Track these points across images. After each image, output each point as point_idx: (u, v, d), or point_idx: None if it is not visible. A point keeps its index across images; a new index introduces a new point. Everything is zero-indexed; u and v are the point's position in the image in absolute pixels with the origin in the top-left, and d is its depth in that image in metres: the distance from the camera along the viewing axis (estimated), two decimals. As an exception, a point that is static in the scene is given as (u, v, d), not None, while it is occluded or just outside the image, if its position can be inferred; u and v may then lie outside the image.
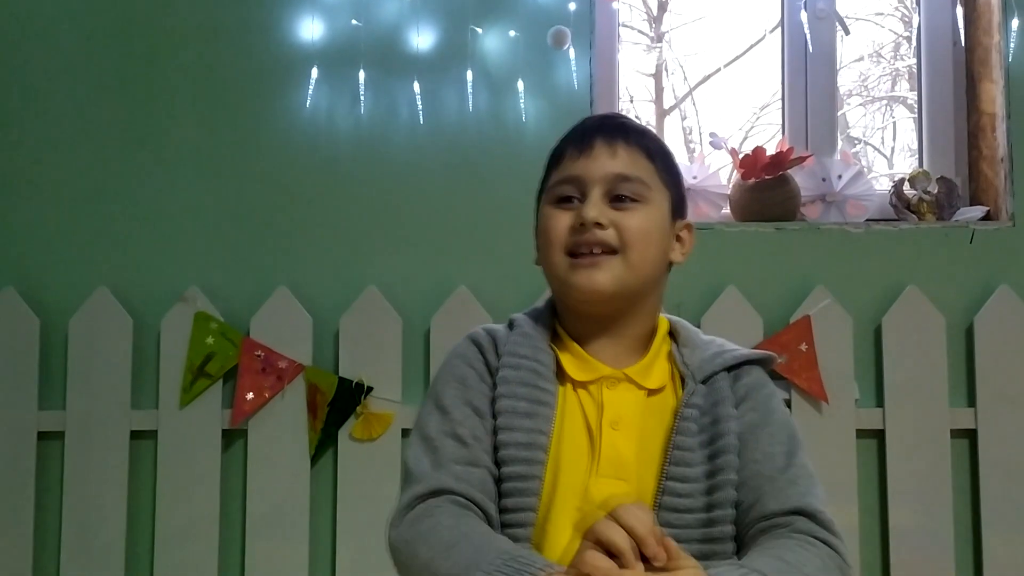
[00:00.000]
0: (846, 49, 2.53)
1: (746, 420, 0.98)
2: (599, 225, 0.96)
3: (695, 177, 2.06)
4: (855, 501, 1.85)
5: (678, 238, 1.05)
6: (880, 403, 1.89)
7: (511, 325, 1.05)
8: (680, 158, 2.22)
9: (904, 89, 3.30)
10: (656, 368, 1.01)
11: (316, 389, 1.86)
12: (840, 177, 2.03)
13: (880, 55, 3.41)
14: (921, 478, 1.86)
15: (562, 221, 0.99)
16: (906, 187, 2.03)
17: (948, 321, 1.89)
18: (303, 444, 1.86)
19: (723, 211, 2.06)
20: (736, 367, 1.01)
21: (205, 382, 1.86)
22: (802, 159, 2.00)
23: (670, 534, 0.90)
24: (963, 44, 2.08)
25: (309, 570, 1.84)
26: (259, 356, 1.86)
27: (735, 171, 2.04)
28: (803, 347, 1.85)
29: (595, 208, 0.97)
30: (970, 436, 1.88)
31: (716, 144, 2.08)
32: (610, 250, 0.97)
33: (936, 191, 2.01)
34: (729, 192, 2.05)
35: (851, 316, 1.89)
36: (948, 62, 2.11)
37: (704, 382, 0.99)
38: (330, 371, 1.88)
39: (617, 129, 1.01)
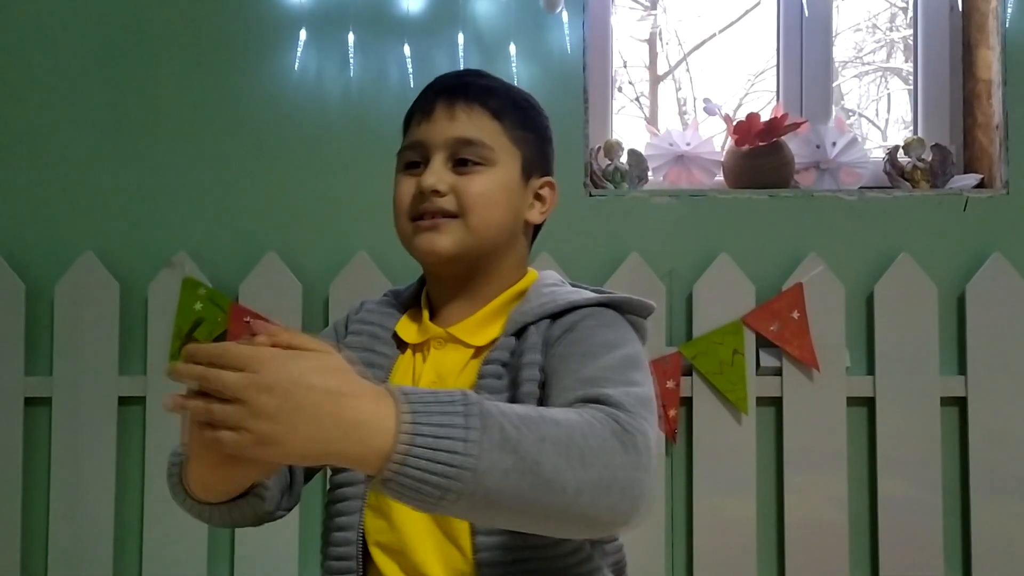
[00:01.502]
0: (841, 19, 2.50)
1: (556, 353, 0.90)
2: (437, 192, 0.95)
3: (688, 144, 2.04)
4: (845, 469, 1.85)
5: (538, 196, 1.02)
6: (871, 371, 1.89)
7: (384, 296, 1.08)
8: (674, 124, 2.21)
9: (899, 61, 3.28)
10: (492, 326, 0.97)
11: (305, 355, 1.85)
12: (834, 144, 2.01)
13: (876, 26, 3.39)
14: (911, 446, 1.86)
15: (407, 188, 0.98)
16: (900, 155, 2.02)
17: (940, 289, 1.89)
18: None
19: (716, 178, 2.05)
20: (561, 315, 0.93)
21: (193, 348, 1.85)
22: (796, 126, 1.98)
23: None
24: (960, 9, 2.06)
25: (299, 536, 1.85)
26: (248, 322, 1.84)
27: (729, 138, 2.02)
28: (795, 315, 1.85)
29: (433, 175, 0.95)
30: (960, 404, 1.89)
31: (710, 110, 2.06)
32: (451, 215, 0.96)
33: (930, 158, 2.00)
34: (723, 159, 2.03)
35: (843, 284, 1.88)
36: (945, 27, 2.09)
37: (516, 335, 0.94)
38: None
39: (458, 90, 0.98)
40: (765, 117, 1.97)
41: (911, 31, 2.17)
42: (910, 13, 2.18)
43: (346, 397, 0.66)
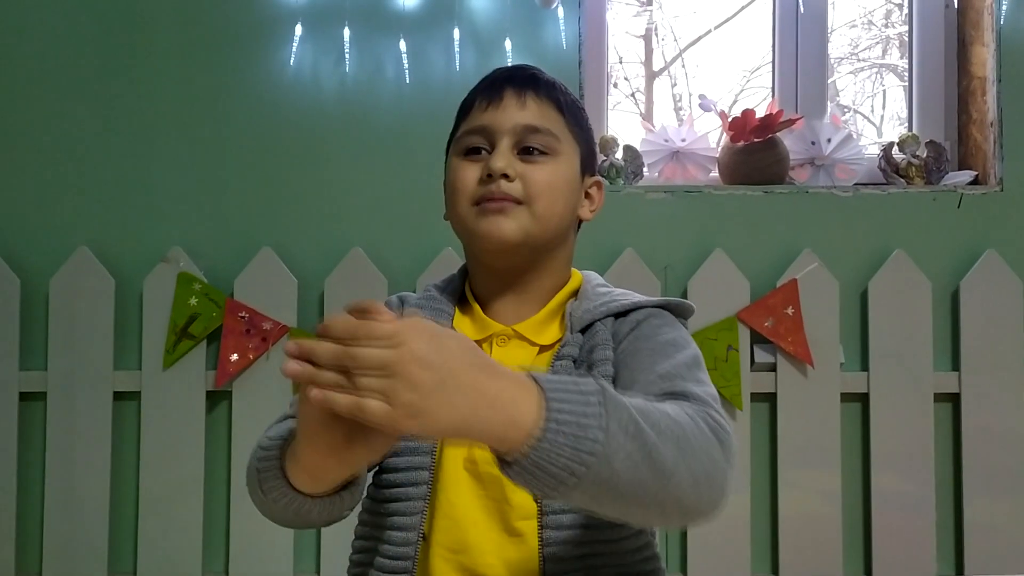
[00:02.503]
0: (837, 15, 2.51)
1: (624, 349, 0.92)
2: (506, 176, 0.94)
3: (684, 140, 2.04)
4: (838, 464, 1.86)
5: (587, 195, 1.03)
6: (865, 367, 1.89)
7: (425, 292, 1.05)
8: (669, 121, 2.21)
9: (895, 57, 3.28)
10: (553, 325, 0.98)
11: (301, 351, 1.85)
12: (829, 141, 2.02)
13: (871, 22, 3.39)
14: (904, 441, 1.87)
15: (470, 172, 0.96)
16: (895, 151, 2.02)
17: (934, 285, 1.89)
18: (288, 405, 1.85)
19: (711, 174, 2.05)
20: (625, 313, 0.96)
21: (189, 343, 1.85)
22: (791, 122, 1.98)
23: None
24: (955, 6, 2.06)
25: (294, 532, 1.85)
26: (243, 317, 1.85)
27: (724, 134, 2.02)
28: (789, 311, 1.85)
29: (503, 158, 0.94)
30: (954, 400, 1.90)
31: (705, 106, 2.06)
32: (516, 201, 0.95)
33: (925, 155, 2.01)
34: (718, 155, 2.03)
35: (838, 280, 1.88)
36: (940, 24, 2.09)
37: (583, 331, 0.95)
38: (315, 333, 1.87)
39: (528, 80, 0.99)
40: (760, 113, 1.97)
41: (906, 27, 2.18)
42: (905, 9, 2.18)
43: (495, 377, 0.67)
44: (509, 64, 1.90)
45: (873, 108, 3.66)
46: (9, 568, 1.84)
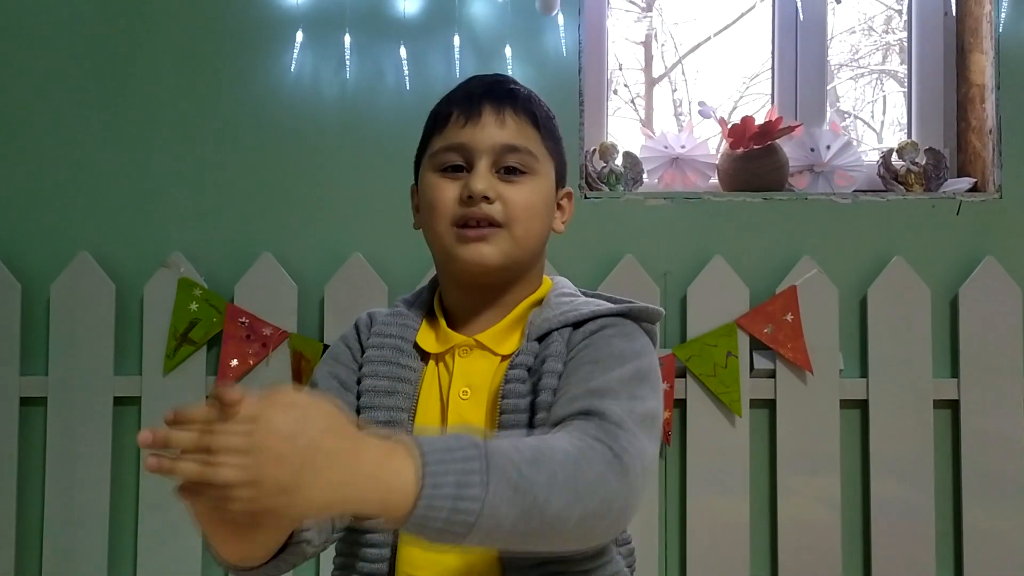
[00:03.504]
0: (837, 21, 2.51)
1: (573, 360, 0.91)
2: (486, 199, 0.93)
3: (683, 146, 2.05)
4: (838, 471, 1.86)
5: (559, 207, 1.03)
6: (864, 373, 1.89)
7: (395, 307, 1.05)
8: (669, 127, 2.22)
9: (895, 64, 3.28)
10: (515, 334, 0.98)
11: (301, 356, 1.85)
12: (829, 148, 2.02)
13: (871, 28, 3.39)
14: (904, 448, 1.87)
15: (448, 191, 0.95)
16: (894, 158, 2.02)
17: (933, 292, 1.89)
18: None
19: (711, 180, 2.05)
20: (582, 323, 0.95)
21: (189, 348, 1.85)
22: (791, 129, 1.99)
23: None
24: (954, 14, 2.06)
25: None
26: (243, 323, 1.85)
27: (723, 140, 2.03)
28: (789, 317, 1.86)
29: (483, 180, 0.93)
30: (953, 407, 1.90)
31: (705, 113, 2.07)
32: (496, 224, 0.94)
33: (924, 162, 2.01)
34: (717, 161, 2.04)
35: (837, 286, 1.89)
36: (939, 32, 2.10)
37: (540, 340, 0.95)
38: (315, 338, 1.87)
39: (506, 96, 0.97)
40: (760, 120, 1.97)
41: (906, 34, 2.18)
42: (904, 17, 2.19)
43: (368, 447, 0.67)
44: (508, 71, 1.91)
45: (873, 114, 3.66)
46: (9, 573, 1.84)
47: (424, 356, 0.99)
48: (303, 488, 0.64)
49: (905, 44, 2.20)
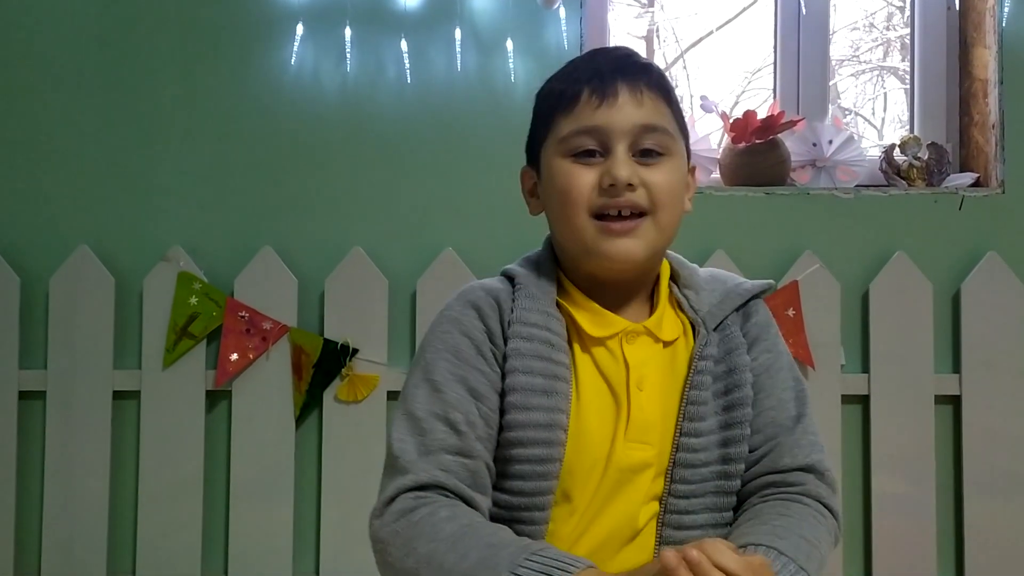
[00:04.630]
0: (838, 17, 2.51)
1: (759, 363, 0.94)
2: (630, 186, 0.87)
3: (685, 141, 2.04)
4: (839, 466, 1.86)
5: (686, 185, 0.98)
6: (865, 369, 1.89)
7: (512, 282, 0.95)
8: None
9: (896, 60, 3.28)
10: (667, 318, 0.95)
11: (301, 351, 1.85)
12: (831, 142, 2.01)
13: (873, 24, 3.38)
14: (905, 444, 1.86)
15: (586, 179, 0.89)
16: (896, 153, 2.02)
17: (935, 287, 1.89)
18: (288, 406, 1.85)
19: (713, 175, 2.04)
20: (743, 305, 0.97)
21: (189, 342, 1.85)
22: (793, 123, 1.98)
23: (684, 491, 0.90)
24: (957, 8, 2.06)
25: (294, 533, 1.84)
26: (243, 317, 1.85)
27: (725, 135, 2.02)
28: (790, 312, 1.85)
29: (626, 167, 0.87)
30: (954, 402, 1.89)
31: (707, 107, 2.06)
32: (640, 212, 0.89)
33: (926, 157, 2.00)
34: (719, 156, 2.03)
35: (839, 281, 1.88)
36: (942, 27, 2.09)
37: (716, 329, 0.94)
38: (315, 332, 1.87)
39: (640, 71, 0.90)
40: (762, 115, 1.97)
41: (908, 30, 2.17)
42: (907, 12, 2.18)
43: None
44: (510, 65, 1.90)
45: (874, 111, 3.66)
46: (8, 567, 1.83)
47: (569, 345, 0.93)
48: None
49: (906, 40, 2.19)
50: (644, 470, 0.91)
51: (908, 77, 2.17)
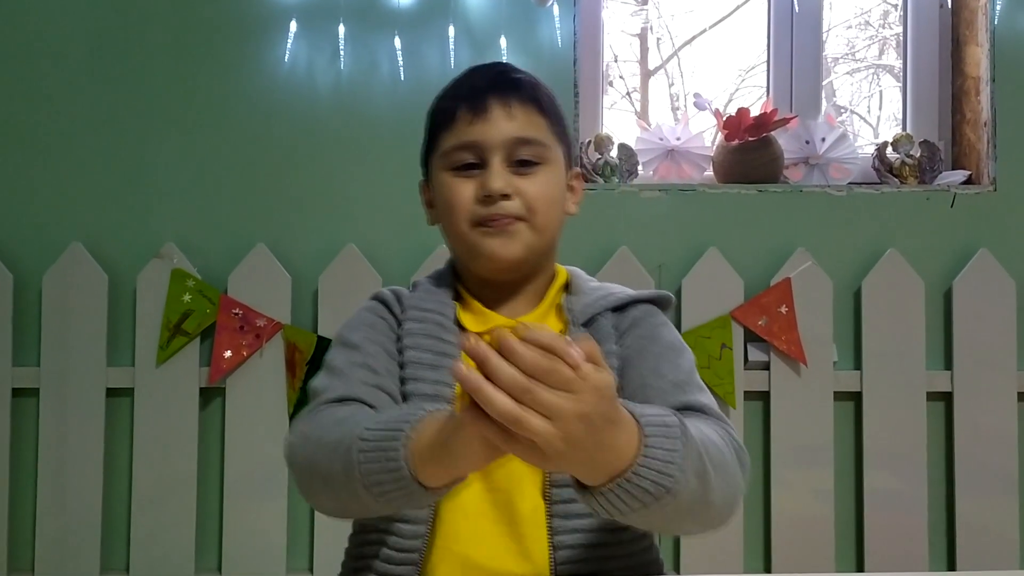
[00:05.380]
0: (833, 16, 2.51)
1: (630, 346, 0.96)
2: (505, 196, 0.94)
3: (678, 138, 2.04)
4: (831, 463, 1.86)
5: (570, 188, 1.03)
6: (858, 366, 1.90)
7: (413, 287, 1.04)
8: (665, 119, 2.21)
9: (891, 58, 3.28)
10: (550, 319, 1.00)
11: (295, 348, 1.85)
12: (824, 140, 2.02)
13: (867, 23, 3.39)
14: (897, 440, 1.87)
15: (465, 191, 0.95)
16: (889, 151, 2.02)
17: (927, 284, 1.90)
18: (281, 403, 1.85)
19: (706, 173, 2.05)
20: (622, 307, 1.00)
21: (182, 340, 1.85)
22: (786, 121, 1.99)
23: (561, 480, 0.91)
24: (949, 6, 2.06)
25: (287, 530, 1.85)
26: (237, 314, 1.85)
27: (719, 132, 2.03)
28: (783, 309, 1.86)
29: (499, 178, 0.94)
30: (946, 399, 1.90)
31: (700, 105, 2.06)
32: (517, 218, 0.95)
33: (918, 155, 2.01)
34: (712, 154, 2.03)
35: (831, 279, 1.89)
36: (934, 25, 2.09)
37: (587, 324, 0.97)
38: (309, 330, 1.87)
39: (511, 86, 0.97)
40: (755, 112, 1.97)
41: (901, 27, 2.18)
42: (900, 10, 2.18)
43: (621, 430, 0.68)
44: (504, 60, 1.90)
45: (870, 109, 3.66)
46: (1, 565, 1.83)
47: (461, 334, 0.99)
48: (571, 458, 0.66)
49: (900, 37, 2.19)
50: (515, 470, 0.93)
51: (902, 75, 2.17)
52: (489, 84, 0.97)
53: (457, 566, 0.91)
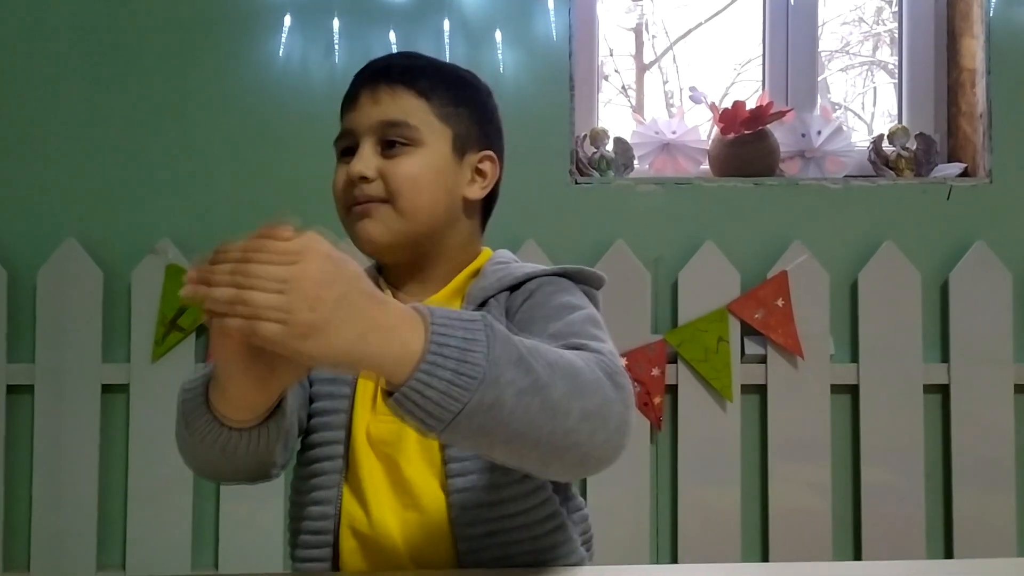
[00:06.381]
0: (828, 12, 2.51)
1: (518, 319, 0.92)
2: (365, 179, 0.94)
3: (674, 132, 2.04)
4: (828, 455, 1.86)
5: (478, 171, 1.00)
6: (855, 358, 1.90)
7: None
8: (660, 114, 2.21)
9: (885, 55, 3.28)
10: (455, 304, 0.98)
11: (290, 343, 1.84)
12: (820, 133, 2.02)
13: (862, 19, 3.39)
14: (894, 433, 1.87)
15: (340, 176, 0.97)
16: (885, 143, 2.02)
17: (924, 277, 1.89)
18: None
19: (702, 166, 2.05)
20: (518, 286, 0.96)
21: (177, 335, 1.84)
22: (782, 114, 1.98)
23: (459, 468, 0.91)
24: (944, -1, 2.07)
25: (284, 526, 1.84)
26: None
27: (714, 126, 2.02)
28: (779, 302, 1.85)
29: (360, 162, 0.94)
30: (943, 392, 1.90)
31: (696, 98, 2.06)
32: (381, 200, 0.95)
33: (914, 147, 2.01)
34: (708, 147, 2.03)
35: (828, 271, 1.89)
36: (930, 17, 2.09)
37: (481, 307, 0.95)
38: (305, 325, 1.86)
39: (380, 73, 0.97)
40: (751, 105, 1.97)
41: (896, 24, 2.18)
42: (895, 2, 2.18)
43: (386, 306, 0.67)
44: (499, 56, 1.90)
45: (864, 105, 3.66)
46: (-3, 562, 1.83)
47: None
48: (329, 332, 0.64)
49: (895, 34, 2.19)
50: (400, 441, 0.93)
51: (897, 69, 2.17)
52: (364, 71, 0.99)
53: (359, 541, 0.93)
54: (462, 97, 1.00)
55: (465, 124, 0.99)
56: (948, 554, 1.88)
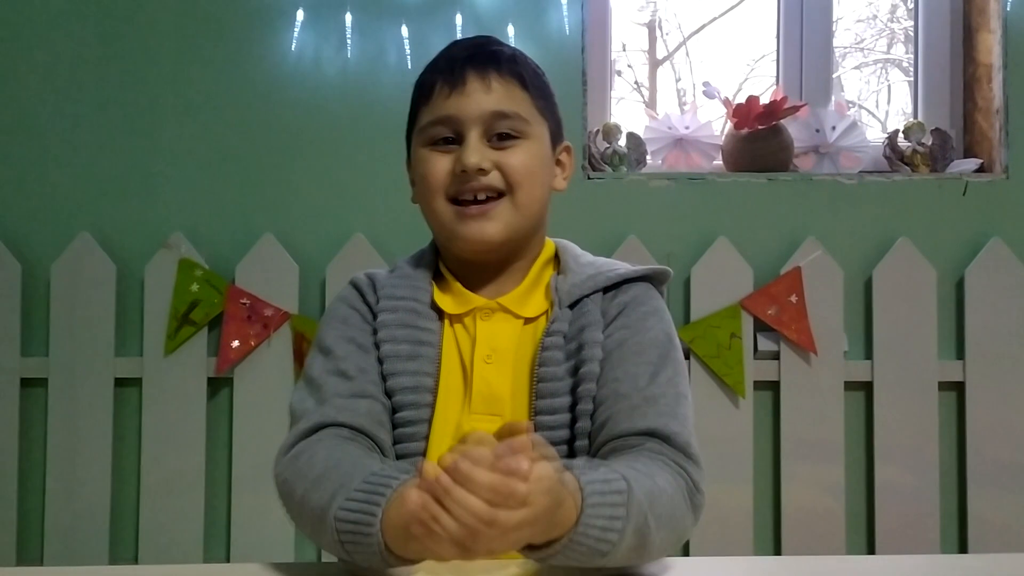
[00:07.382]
0: (842, 10, 2.49)
1: (613, 338, 0.92)
2: (482, 171, 0.92)
3: (687, 127, 2.03)
4: (842, 453, 1.85)
5: (558, 163, 1.01)
6: (869, 355, 1.88)
7: (394, 269, 1.02)
8: (673, 109, 2.20)
9: (900, 52, 3.26)
10: (535, 296, 0.97)
11: (303, 337, 1.84)
12: (834, 128, 2.00)
13: (876, 16, 3.36)
14: (908, 430, 1.86)
15: (441, 165, 0.93)
16: (900, 139, 2.01)
17: (939, 273, 1.88)
18: (289, 392, 1.84)
19: (715, 161, 2.04)
20: (614, 287, 0.96)
21: (190, 329, 1.84)
22: (796, 109, 1.97)
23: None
24: (961, -7, 2.05)
25: (295, 518, 1.84)
26: (245, 304, 1.84)
27: (728, 121, 2.01)
28: (793, 299, 1.84)
29: (475, 153, 0.92)
30: (958, 389, 1.89)
31: (709, 94, 2.05)
32: (496, 193, 0.93)
33: (930, 143, 2.00)
34: (721, 142, 2.02)
35: (842, 268, 1.87)
36: (946, 11, 2.08)
37: (572, 306, 0.94)
38: (317, 320, 1.86)
39: (489, 59, 0.95)
40: (765, 100, 1.96)
41: (911, 22, 2.16)
42: (910, 2, 2.16)
43: (562, 506, 0.70)
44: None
45: (878, 103, 3.64)
46: (11, 555, 1.84)
47: (439, 318, 0.97)
48: (533, 536, 0.70)
49: (910, 32, 2.18)
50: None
51: (912, 69, 2.15)
52: (467, 57, 0.95)
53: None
54: (548, 90, 1.00)
55: (553, 117, 1.00)
56: (962, 551, 1.86)
